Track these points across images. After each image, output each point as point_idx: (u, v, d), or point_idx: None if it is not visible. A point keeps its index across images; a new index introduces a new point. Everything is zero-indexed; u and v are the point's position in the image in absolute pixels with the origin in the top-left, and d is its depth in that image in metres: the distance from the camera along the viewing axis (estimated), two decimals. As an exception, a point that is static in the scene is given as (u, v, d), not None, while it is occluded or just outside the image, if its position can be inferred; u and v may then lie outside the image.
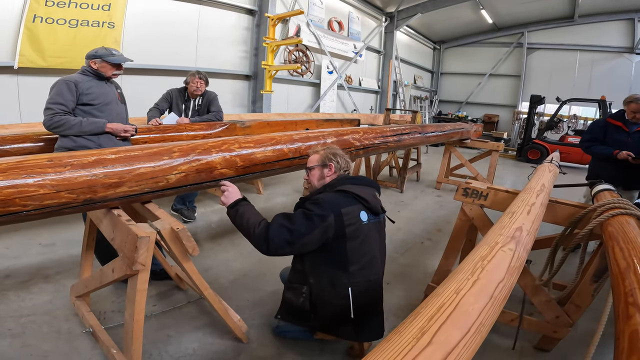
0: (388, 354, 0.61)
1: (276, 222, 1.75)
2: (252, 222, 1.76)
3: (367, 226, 1.91)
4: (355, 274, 1.87)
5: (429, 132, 4.36)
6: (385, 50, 12.75)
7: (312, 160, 2.10)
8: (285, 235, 1.71)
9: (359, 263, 1.87)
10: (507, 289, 0.91)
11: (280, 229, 1.72)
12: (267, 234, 1.70)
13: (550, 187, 2.31)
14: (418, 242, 4.01)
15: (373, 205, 1.95)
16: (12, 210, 1.30)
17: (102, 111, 2.64)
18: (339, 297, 1.86)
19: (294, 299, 1.98)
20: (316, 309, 1.92)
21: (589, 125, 4.05)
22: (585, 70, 13.36)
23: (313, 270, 1.91)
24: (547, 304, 2.14)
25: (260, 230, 1.72)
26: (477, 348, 0.71)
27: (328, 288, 1.88)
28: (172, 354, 2.03)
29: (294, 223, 1.74)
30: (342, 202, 1.83)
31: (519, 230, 1.24)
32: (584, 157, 9.14)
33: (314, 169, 2.07)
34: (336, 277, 1.86)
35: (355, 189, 1.92)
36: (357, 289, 1.87)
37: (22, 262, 2.87)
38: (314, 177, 2.07)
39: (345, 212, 1.81)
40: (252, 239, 1.74)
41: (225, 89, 7.37)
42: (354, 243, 1.84)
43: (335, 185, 1.97)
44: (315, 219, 1.74)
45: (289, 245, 1.72)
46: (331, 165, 2.05)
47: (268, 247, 1.71)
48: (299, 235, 1.72)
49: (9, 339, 2.01)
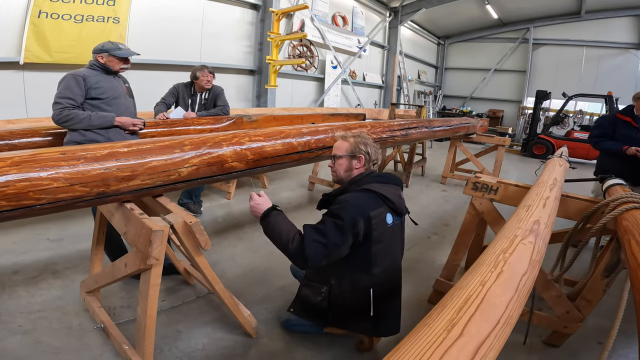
0: (419, 346, 0.61)
1: (309, 238, 1.68)
2: (284, 237, 1.70)
3: (391, 228, 1.88)
4: (377, 275, 1.85)
5: (436, 127, 4.34)
6: (390, 45, 12.66)
7: (340, 148, 1.98)
8: (320, 251, 1.66)
9: (382, 265, 1.85)
10: (530, 282, 0.90)
11: (315, 245, 1.66)
12: (304, 252, 1.65)
13: (562, 181, 2.29)
14: (424, 236, 4.00)
15: (398, 207, 1.91)
16: (26, 204, 1.30)
17: (111, 105, 2.63)
18: (360, 298, 1.85)
19: (311, 297, 1.96)
20: (334, 308, 1.91)
21: (598, 121, 4.03)
22: (591, 66, 13.24)
23: (336, 272, 1.88)
24: (557, 299, 2.13)
25: (295, 247, 1.67)
26: (505, 340, 0.71)
27: (349, 289, 1.86)
28: (182, 350, 2.03)
29: (326, 237, 1.67)
30: (369, 205, 1.78)
31: (537, 224, 1.23)
32: (590, 153, 9.14)
33: (341, 159, 1.96)
34: (358, 279, 1.84)
35: (382, 188, 1.85)
36: (378, 290, 1.86)
37: (30, 257, 2.88)
38: (341, 167, 1.96)
39: (373, 216, 1.76)
40: (288, 256, 1.71)
41: (230, 83, 7.35)
42: (378, 246, 1.82)
43: (361, 182, 1.90)
44: (347, 229, 1.69)
45: (325, 258, 1.69)
46: (361, 157, 1.94)
47: (306, 263, 1.67)
48: (334, 248, 1.68)
49: (19, 336, 2.01)
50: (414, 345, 0.61)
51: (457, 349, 0.59)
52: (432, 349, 0.59)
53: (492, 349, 0.64)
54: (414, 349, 0.60)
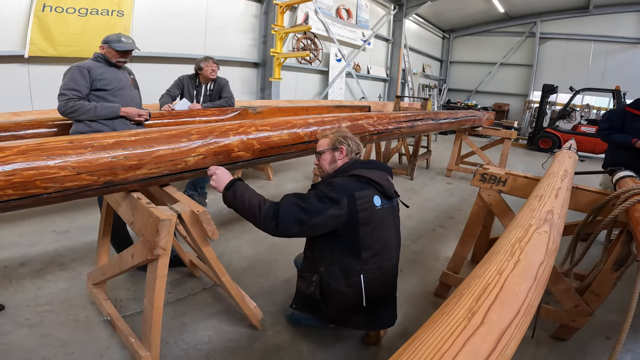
0: (438, 334, 0.59)
1: (287, 200, 1.69)
2: (254, 201, 1.67)
3: (381, 211, 1.84)
4: (367, 260, 1.81)
5: (442, 119, 4.31)
6: (394, 38, 12.58)
7: (322, 144, 2.04)
8: (296, 212, 1.64)
9: (371, 249, 1.82)
10: (547, 272, 0.88)
11: (292, 206, 1.65)
12: (277, 211, 1.63)
13: (572, 173, 2.26)
14: (430, 229, 3.99)
15: (387, 189, 1.88)
16: (33, 193, 1.29)
17: (116, 96, 2.63)
18: (351, 285, 1.81)
19: (305, 289, 1.94)
20: (327, 298, 1.87)
21: (607, 113, 4.00)
22: (599, 61, 13.10)
23: (323, 258, 1.86)
24: (566, 293, 2.10)
25: (268, 208, 1.65)
26: (526, 329, 0.69)
27: (339, 276, 1.82)
28: (188, 342, 2.03)
29: (306, 202, 1.67)
30: (355, 186, 1.78)
31: (551, 214, 1.21)
32: (597, 147, 9.10)
33: (324, 153, 2.01)
34: (348, 264, 1.81)
35: (369, 173, 1.85)
36: (369, 276, 1.82)
37: (36, 249, 2.88)
38: (325, 162, 2.01)
39: (358, 196, 1.75)
40: (258, 218, 1.65)
41: (234, 76, 7.33)
42: (366, 229, 1.78)
43: (347, 169, 1.90)
44: (328, 201, 1.68)
45: (299, 224, 1.64)
46: (342, 148, 1.98)
47: (277, 224, 1.62)
48: (311, 214, 1.65)
49: (26, 329, 2.01)
50: (433, 334, 0.59)
51: (479, 338, 0.58)
52: (452, 337, 0.57)
53: (513, 339, 0.62)
54: (433, 337, 0.58)
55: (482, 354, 0.55)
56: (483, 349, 0.56)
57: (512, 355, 0.62)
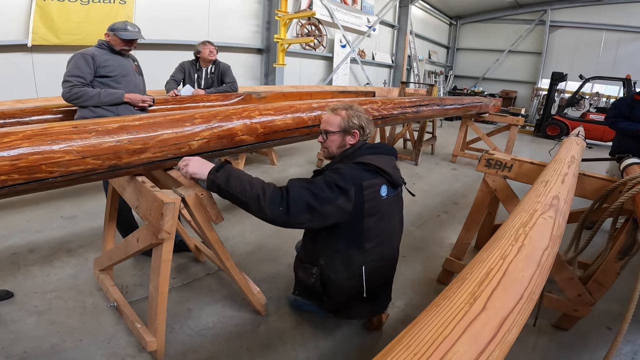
0: (439, 319, 0.59)
1: (296, 184, 1.55)
2: (256, 184, 1.51)
3: (386, 201, 1.76)
4: (370, 251, 1.76)
5: (448, 105, 4.26)
6: (400, 24, 12.36)
7: (331, 123, 1.81)
8: (308, 197, 1.50)
9: (375, 240, 1.76)
10: (552, 257, 0.87)
11: (302, 190, 1.51)
12: (287, 194, 1.49)
13: (579, 159, 2.24)
14: (434, 214, 3.98)
15: (395, 178, 1.77)
16: (39, 177, 1.30)
17: (120, 83, 2.63)
18: (351, 277, 1.77)
19: (305, 279, 1.90)
20: (327, 290, 1.84)
21: (616, 101, 3.97)
22: (610, 50, 12.79)
23: (325, 250, 1.79)
24: (569, 282, 2.09)
25: (274, 191, 1.50)
26: (528, 316, 0.69)
27: (340, 269, 1.76)
28: (192, 327, 2.05)
29: (316, 188, 1.54)
30: (363, 176, 1.66)
31: (556, 199, 1.20)
32: (605, 134, 9.00)
33: (334, 135, 1.80)
34: (350, 256, 1.75)
35: (377, 160, 1.72)
36: (370, 267, 1.77)
37: (44, 235, 2.92)
38: (333, 144, 1.82)
39: (366, 186, 1.64)
40: (263, 202, 1.48)
41: (238, 62, 7.27)
42: (371, 220, 1.70)
43: (354, 155, 1.77)
44: (337, 189, 1.56)
45: (309, 211, 1.51)
46: (355, 132, 1.80)
47: (288, 209, 1.48)
48: (321, 201, 1.52)
49: (35, 316, 2.03)
50: (434, 318, 0.59)
51: (480, 323, 0.57)
52: (453, 322, 0.57)
53: (515, 325, 0.62)
54: (435, 321, 0.59)
55: (483, 340, 0.55)
56: (484, 335, 0.56)
57: (513, 341, 0.62)
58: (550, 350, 2.09)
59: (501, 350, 0.57)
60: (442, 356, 0.50)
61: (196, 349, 1.91)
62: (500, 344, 0.57)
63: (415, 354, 0.51)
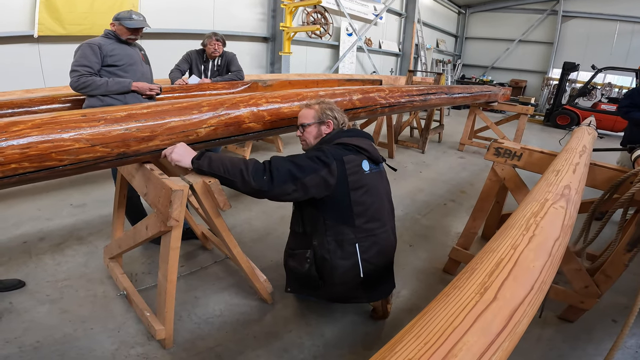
0: (449, 309, 0.58)
1: (278, 158, 1.65)
2: (237, 161, 1.60)
3: (370, 176, 1.82)
4: (361, 227, 1.77)
5: (456, 93, 4.21)
6: (407, 13, 12.19)
7: (307, 117, 1.94)
8: (290, 167, 1.60)
9: (365, 216, 1.78)
10: (563, 248, 0.86)
11: (285, 161, 1.62)
12: (270, 165, 1.59)
13: (591, 149, 2.20)
14: (441, 203, 3.97)
15: (374, 154, 1.86)
16: (49, 165, 1.31)
17: (127, 72, 2.64)
18: (346, 256, 1.77)
19: (298, 267, 1.86)
20: (323, 274, 1.81)
21: (629, 91, 3.92)
22: (624, 41, 12.52)
23: (316, 231, 1.80)
24: (577, 273, 2.07)
25: (256, 163, 1.58)
26: (538, 307, 0.68)
27: (333, 248, 1.77)
28: (200, 316, 2.07)
29: (298, 159, 1.65)
30: (343, 152, 1.75)
31: (568, 189, 1.18)
32: (616, 125, 8.88)
33: (310, 126, 1.93)
34: (341, 233, 1.76)
35: (354, 140, 1.82)
36: (364, 245, 1.79)
37: (55, 223, 2.95)
38: (310, 135, 1.94)
39: (347, 160, 1.72)
40: (246, 175, 1.56)
41: (244, 50, 7.25)
42: (357, 193, 1.75)
43: (332, 139, 1.86)
44: (319, 162, 1.66)
45: (292, 180, 1.59)
46: (329, 122, 1.91)
47: (272, 178, 1.57)
48: (304, 171, 1.61)
49: (47, 305, 2.06)
50: (444, 309, 0.59)
51: (491, 314, 0.57)
52: (464, 312, 0.57)
53: (525, 316, 0.61)
54: (445, 312, 0.58)
55: (493, 330, 0.55)
56: (495, 326, 0.55)
57: (523, 332, 0.62)
58: (555, 341, 2.09)
59: (511, 341, 0.57)
60: (452, 346, 0.50)
61: (204, 336, 1.93)
62: (511, 335, 0.56)
63: (425, 344, 0.51)
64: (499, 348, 0.53)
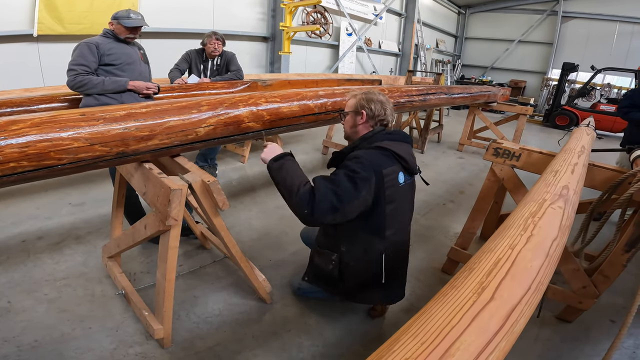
0: (447, 309, 0.58)
1: (322, 185, 1.58)
2: (297, 180, 1.58)
3: (403, 187, 1.80)
4: (389, 238, 1.80)
5: (455, 94, 4.22)
6: (407, 13, 12.19)
7: (347, 105, 1.95)
8: (332, 199, 1.54)
9: (393, 227, 1.80)
10: (560, 248, 0.86)
11: (327, 192, 1.55)
12: (314, 196, 1.53)
13: (589, 149, 2.20)
14: (440, 203, 3.98)
15: (411, 165, 1.82)
16: (47, 164, 1.30)
17: (124, 71, 2.64)
18: (371, 263, 1.80)
19: (322, 265, 1.91)
20: (345, 276, 1.86)
21: (629, 92, 3.92)
22: (623, 41, 12.52)
23: (347, 238, 1.81)
24: (575, 273, 2.08)
25: (306, 191, 1.55)
26: (535, 307, 0.68)
27: (360, 256, 1.80)
28: (199, 315, 2.07)
29: (339, 187, 1.58)
30: (382, 162, 1.70)
31: (566, 189, 1.18)
32: (615, 125, 8.90)
33: (347, 115, 1.92)
34: (371, 243, 1.79)
35: (395, 147, 1.76)
36: (389, 253, 1.82)
37: (53, 222, 2.94)
38: (347, 124, 1.93)
39: (386, 173, 1.69)
40: (294, 199, 1.55)
41: (243, 50, 7.24)
42: (391, 207, 1.74)
43: (372, 139, 1.81)
44: (359, 182, 1.60)
45: (333, 212, 1.55)
46: (363, 112, 1.86)
47: (312, 211, 1.52)
48: (346, 200, 1.57)
49: (45, 305, 2.05)
50: (442, 308, 0.59)
51: (488, 313, 0.57)
52: (461, 312, 0.57)
53: (522, 316, 0.62)
54: (442, 311, 0.58)
55: (490, 330, 0.55)
56: (492, 325, 0.56)
57: (520, 332, 0.62)
58: (553, 342, 2.09)
59: (508, 341, 0.57)
60: (450, 346, 0.50)
61: (202, 336, 1.93)
62: (508, 335, 0.56)
63: (422, 343, 0.51)
64: (496, 348, 0.53)
